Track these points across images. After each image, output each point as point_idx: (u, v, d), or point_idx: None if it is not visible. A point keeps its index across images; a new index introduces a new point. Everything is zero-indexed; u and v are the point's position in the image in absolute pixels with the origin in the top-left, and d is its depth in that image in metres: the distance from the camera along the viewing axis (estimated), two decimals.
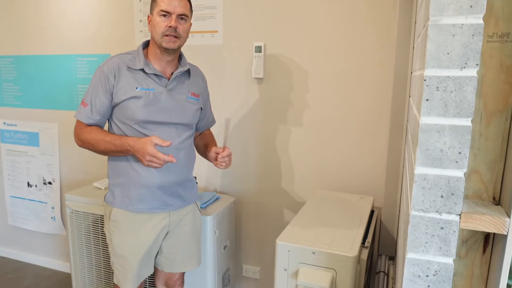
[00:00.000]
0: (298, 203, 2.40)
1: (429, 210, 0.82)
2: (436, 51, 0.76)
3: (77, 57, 2.84)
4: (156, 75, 1.69)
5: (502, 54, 0.82)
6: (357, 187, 2.25)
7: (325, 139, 2.29)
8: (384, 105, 2.12)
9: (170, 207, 1.79)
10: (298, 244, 1.50)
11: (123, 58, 1.69)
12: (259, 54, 2.35)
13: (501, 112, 0.85)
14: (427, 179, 0.81)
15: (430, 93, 0.78)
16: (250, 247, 2.59)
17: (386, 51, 2.08)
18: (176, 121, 1.73)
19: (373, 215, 1.98)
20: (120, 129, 1.69)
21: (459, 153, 0.78)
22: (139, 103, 1.65)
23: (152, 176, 1.70)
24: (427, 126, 0.79)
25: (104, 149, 1.66)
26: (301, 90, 2.30)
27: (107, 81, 1.65)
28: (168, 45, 1.64)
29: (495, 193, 0.90)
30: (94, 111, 1.68)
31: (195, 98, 1.81)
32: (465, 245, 0.93)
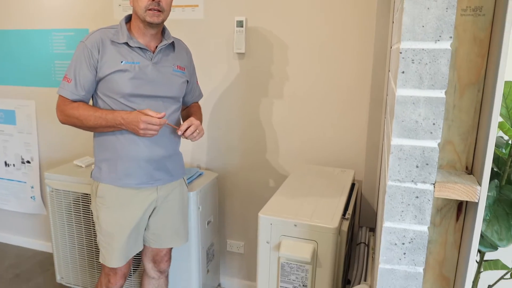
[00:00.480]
0: (281, 177, 2.43)
1: (404, 180, 0.85)
2: (412, 24, 0.77)
3: (54, 31, 2.77)
4: (140, 48, 1.69)
5: (475, 28, 0.84)
6: (339, 161, 2.29)
7: (307, 114, 2.31)
8: (365, 79, 2.14)
9: (158, 182, 1.79)
10: (280, 217, 1.53)
11: (106, 32, 1.68)
12: (240, 29, 2.33)
13: (474, 84, 0.87)
14: (403, 150, 0.84)
15: (405, 66, 0.80)
16: (234, 222, 2.62)
17: (366, 26, 2.09)
18: (163, 94, 1.74)
19: (354, 188, 2.02)
20: (106, 103, 1.68)
21: (433, 124, 0.81)
22: (125, 77, 1.64)
23: (140, 150, 1.71)
24: (403, 98, 0.81)
25: (94, 125, 1.64)
26: (283, 65, 2.30)
27: (91, 55, 1.64)
28: (152, 19, 1.63)
29: (468, 162, 0.93)
30: (79, 86, 1.66)
31: (180, 71, 1.82)
32: (439, 214, 0.97)
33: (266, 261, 1.58)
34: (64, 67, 2.79)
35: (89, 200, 2.27)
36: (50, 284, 2.77)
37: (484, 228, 1.18)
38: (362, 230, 2.17)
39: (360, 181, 2.24)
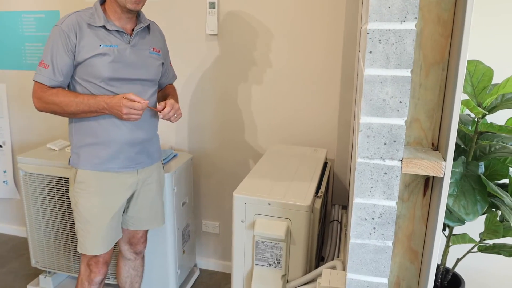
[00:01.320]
0: (255, 157, 2.45)
1: (373, 157, 0.88)
2: (378, 5, 0.79)
3: (23, 13, 2.70)
4: (117, 31, 1.67)
5: (439, 8, 0.87)
6: (312, 140, 2.32)
7: (280, 94, 2.33)
8: (336, 59, 2.16)
9: (139, 165, 1.79)
10: (254, 196, 1.56)
11: (82, 15, 1.64)
12: (213, 10, 2.32)
13: (439, 63, 0.90)
14: (371, 127, 0.86)
15: (373, 46, 0.82)
16: (209, 202, 2.64)
17: (336, 6, 2.11)
18: (142, 77, 1.73)
19: (326, 166, 2.06)
20: (85, 88, 1.65)
21: (400, 102, 0.84)
22: (104, 60, 1.62)
23: (123, 133, 1.70)
24: (371, 77, 0.84)
25: (75, 111, 1.61)
26: (255, 47, 2.31)
27: (68, 39, 1.60)
28: (133, 6, 1.62)
29: (434, 139, 0.97)
30: (57, 72, 1.62)
31: (156, 53, 1.81)
32: (407, 189, 1.01)
33: (241, 240, 1.61)
34: (35, 49, 2.73)
35: (63, 183, 2.25)
36: (25, 268, 2.76)
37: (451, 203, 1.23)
38: (335, 208, 2.22)
39: (332, 159, 2.28)
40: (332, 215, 2.17)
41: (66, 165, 2.22)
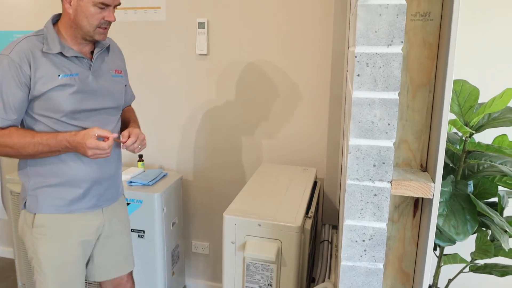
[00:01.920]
0: (245, 176, 2.44)
1: (363, 179, 0.88)
2: (365, 29, 0.80)
3: (14, 33, 2.70)
4: (76, 57, 1.48)
5: (424, 32, 0.88)
6: (301, 160, 2.32)
7: (269, 113, 2.33)
8: (324, 80, 2.18)
9: (106, 203, 1.63)
10: (244, 217, 1.55)
11: (33, 41, 1.43)
12: (202, 30, 2.33)
13: (425, 85, 0.91)
14: (360, 149, 0.87)
15: (361, 69, 0.83)
16: (199, 223, 2.62)
17: (324, 28, 2.13)
18: (106, 106, 1.56)
19: (316, 186, 2.06)
20: (44, 123, 1.45)
21: (388, 124, 0.84)
22: (65, 92, 1.43)
23: (91, 170, 1.53)
24: (359, 100, 0.84)
25: (33, 152, 1.41)
26: (245, 66, 2.32)
27: (20, 71, 1.38)
28: (100, 38, 1.48)
29: (423, 160, 0.98)
30: (9, 109, 1.40)
31: (119, 75, 1.64)
32: (397, 210, 1.01)
33: (232, 261, 1.59)
34: None
35: None
36: None
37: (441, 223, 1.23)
38: (325, 227, 2.21)
39: (322, 179, 2.28)
40: (323, 235, 2.16)
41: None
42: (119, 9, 2.48)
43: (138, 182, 2.25)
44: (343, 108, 2.07)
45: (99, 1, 1.40)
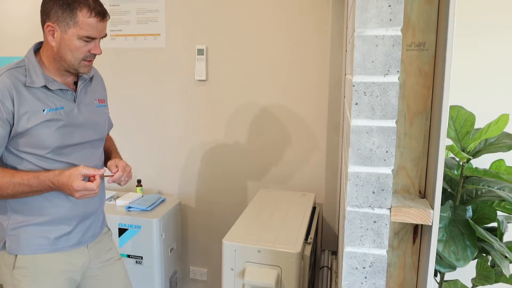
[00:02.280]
0: (244, 201, 2.44)
1: (362, 206, 0.89)
2: (362, 59, 0.82)
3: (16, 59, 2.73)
4: (61, 89, 1.40)
5: (420, 61, 0.91)
6: (300, 185, 2.33)
7: (267, 139, 2.35)
8: (322, 105, 2.21)
9: (90, 239, 1.53)
10: (244, 243, 1.54)
11: (15, 75, 1.34)
12: (201, 57, 2.37)
13: (422, 113, 0.93)
14: (359, 176, 0.88)
15: (358, 98, 0.84)
16: (197, 248, 2.61)
17: (322, 56, 2.17)
18: (92, 138, 1.49)
19: (315, 211, 2.06)
20: (27, 160, 1.36)
21: (387, 152, 0.85)
22: (51, 128, 1.35)
23: (77, 208, 1.45)
24: (357, 128, 0.86)
25: (12, 193, 1.32)
26: (243, 92, 2.35)
27: (2, 108, 1.29)
28: (85, 70, 1.41)
29: (421, 186, 0.98)
30: None
31: (102, 105, 1.57)
32: (397, 237, 1.01)
33: None
34: None
35: None
36: None
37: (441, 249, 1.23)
38: (325, 253, 2.20)
39: (320, 204, 2.28)
40: (322, 261, 2.15)
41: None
42: (120, 35, 2.52)
43: (137, 207, 2.25)
44: (340, 134, 2.09)
45: (85, 35, 1.33)
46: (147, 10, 2.47)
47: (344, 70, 1.99)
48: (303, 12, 2.19)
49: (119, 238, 2.20)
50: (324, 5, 2.14)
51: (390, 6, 0.79)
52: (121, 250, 2.21)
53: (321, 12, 2.15)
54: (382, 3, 0.80)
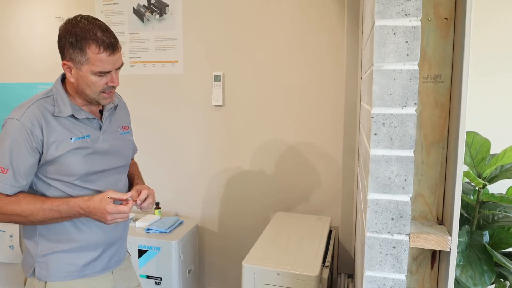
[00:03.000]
0: (259, 224, 2.47)
1: (382, 232, 0.92)
2: (381, 92, 0.87)
3: (38, 85, 2.83)
4: (87, 118, 1.43)
5: (436, 93, 0.95)
6: (315, 208, 2.36)
7: (283, 163, 2.39)
8: (337, 130, 2.25)
9: (115, 264, 1.55)
10: (263, 266, 1.57)
11: (44, 105, 1.38)
12: (218, 83, 2.44)
13: (439, 142, 0.97)
14: (378, 203, 0.91)
15: (377, 128, 0.88)
16: (214, 270, 2.63)
17: (337, 82, 2.22)
18: (117, 165, 1.53)
19: (331, 234, 2.08)
20: (55, 187, 1.39)
21: (405, 180, 0.89)
22: (78, 155, 1.38)
23: (104, 234, 1.47)
24: (376, 157, 0.89)
25: (42, 219, 1.34)
26: (260, 117, 2.40)
27: (32, 136, 1.32)
28: (106, 102, 1.43)
29: (438, 213, 1.01)
30: (19, 176, 1.33)
31: (126, 132, 1.61)
32: (415, 262, 1.04)
33: None
34: None
35: None
36: None
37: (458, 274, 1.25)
38: (341, 276, 2.21)
39: (336, 227, 2.30)
40: (338, 284, 2.16)
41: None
42: (139, 62, 2.61)
43: (156, 229, 2.29)
44: (356, 158, 2.12)
45: (98, 71, 1.34)
46: (165, 38, 2.55)
47: (359, 96, 2.03)
48: (318, 39, 2.25)
49: (139, 259, 2.24)
50: (339, 33, 2.20)
51: (407, 42, 0.84)
52: (140, 271, 2.24)
53: (336, 39, 2.21)
54: (399, 39, 0.84)
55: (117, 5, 2.64)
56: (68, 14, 2.68)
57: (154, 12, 2.55)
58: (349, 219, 2.21)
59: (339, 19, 2.19)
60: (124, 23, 2.63)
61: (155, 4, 2.54)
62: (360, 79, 2.02)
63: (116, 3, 2.64)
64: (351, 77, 2.10)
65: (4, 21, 2.86)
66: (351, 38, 2.08)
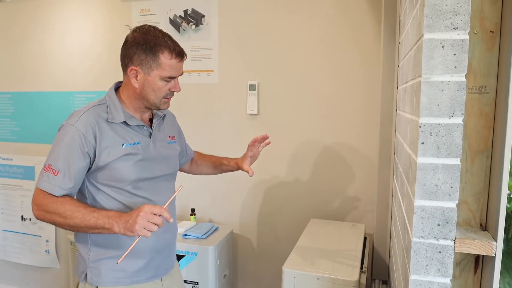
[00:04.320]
0: (293, 231, 2.51)
1: (428, 237, 0.96)
2: (428, 103, 0.91)
3: (76, 94, 2.95)
4: (138, 125, 1.50)
5: (481, 103, 0.98)
6: (349, 216, 2.39)
7: (317, 171, 2.43)
8: (373, 139, 2.28)
9: (165, 271, 1.61)
10: (303, 271, 1.61)
11: (98, 111, 1.44)
12: (253, 92, 2.50)
13: (483, 151, 1.00)
14: (425, 210, 0.95)
15: (424, 137, 0.93)
16: (247, 275, 2.67)
17: (372, 92, 2.26)
18: (165, 172, 1.58)
19: (366, 241, 2.11)
20: (107, 194, 1.45)
21: (451, 187, 0.93)
22: (129, 162, 1.44)
23: (150, 240, 1.46)
24: (423, 165, 0.93)
25: (80, 224, 1.35)
26: (294, 125, 2.45)
27: (85, 142, 1.39)
28: (165, 107, 1.52)
29: (482, 220, 1.05)
30: (68, 179, 1.38)
31: (173, 142, 1.68)
32: (458, 267, 1.07)
33: None
34: None
35: None
36: None
37: None
38: (375, 283, 2.23)
39: (370, 234, 2.32)
40: None
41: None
42: None
43: (193, 235, 2.36)
44: (392, 166, 2.14)
45: (167, 76, 1.42)
46: (201, 48, 2.63)
47: (395, 106, 2.06)
48: (352, 49, 2.29)
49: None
50: (372, 44, 2.24)
51: (455, 54, 0.88)
52: None
53: (371, 50, 2.25)
54: (447, 52, 0.89)
55: (154, 16, 2.73)
56: (105, 24, 2.81)
57: (190, 22, 2.63)
58: (383, 226, 2.24)
59: (374, 31, 2.23)
60: None
61: (191, 15, 2.62)
62: (396, 89, 2.05)
63: (153, 14, 2.73)
64: (387, 87, 2.13)
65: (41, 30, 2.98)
66: (387, 49, 2.11)
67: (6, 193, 3.25)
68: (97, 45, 2.85)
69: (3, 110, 3.20)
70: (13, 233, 3.26)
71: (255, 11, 2.48)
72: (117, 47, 1.50)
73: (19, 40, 3.06)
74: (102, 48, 2.84)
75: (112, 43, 2.79)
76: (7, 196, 3.25)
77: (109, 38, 2.81)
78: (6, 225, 3.28)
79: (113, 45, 2.78)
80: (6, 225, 3.28)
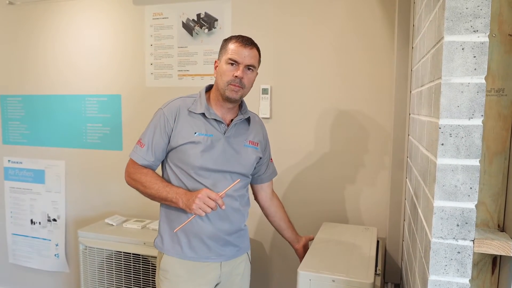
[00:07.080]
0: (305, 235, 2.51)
1: (447, 237, 0.97)
2: (448, 104, 0.92)
3: (87, 97, 2.97)
4: (216, 120, 1.68)
5: (499, 106, 1.00)
6: (361, 219, 2.39)
7: (330, 175, 2.44)
8: (386, 142, 2.29)
9: (222, 257, 1.74)
10: (318, 273, 1.62)
11: (185, 101, 1.70)
12: (266, 96, 2.52)
13: (501, 153, 1.01)
14: (444, 210, 0.96)
15: (444, 139, 0.94)
16: (259, 277, 2.68)
17: (385, 95, 2.27)
18: (231, 170, 1.71)
19: (378, 245, 2.11)
20: (175, 173, 1.68)
21: (470, 188, 0.94)
22: (197, 149, 1.64)
23: (204, 226, 1.68)
24: (443, 166, 0.95)
25: (153, 194, 1.64)
26: (307, 129, 2.46)
27: (167, 123, 1.66)
28: (231, 94, 1.63)
29: (499, 221, 1.06)
30: (150, 152, 1.67)
31: (253, 147, 1.78)
32: (476, 267, 1.08)
33: None
34: (96, 130, 2.96)
35: (121, 257, 2.36)
36: None
37: None
38: (388, 286, 2.23)
39: (382, 238, 2.33)
40: None
41: (123, 239, 2.35)
42: (187, 75, 2.71)
43: None
44: (405, 170, 2.15)
45: (229, 57, 1.62)
46: (214, 52, 2.65)
47: (408, 109, 2.07)
48: (366, 52, 2.30)
49: None
50: (388, 46, 2.25)
51: (475, 57, 0.89)
52: None
53: (384, 55, 2.26)
54: (467, 54, 0.90)
55: (167, 19, 2.75)
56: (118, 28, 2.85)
57: (203, 26, 2.66)
58: (396, 229, 2.24)
59: (387, 36, 2.25)
60: (173, 37, 2.74)
61: (204, 19, 2.65)
62: (409, 93, 2.06)
63: (165, 17, 2.75)
64: (400, 91, 2.14)
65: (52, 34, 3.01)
66: (401, 54, 2.13)
67: (15, 197, 3.26)
68: (109, 48, 2.88)
69: (13, 113, 3.21)
70: (22, 237, 3.26)
71: (267, 16, 2.50)
72: (130, 51, 1.55)
73: (29, 43, 3.08)
74: (114, 52, 2.86)
75: (124, 46, 2.83)
76: (17, 200, 3.25)
77: (121, 42, 2.84)
78: (15, 229, 3.29)
79: (126, 49, 2.82)
80: (15, 229, 3.29)
